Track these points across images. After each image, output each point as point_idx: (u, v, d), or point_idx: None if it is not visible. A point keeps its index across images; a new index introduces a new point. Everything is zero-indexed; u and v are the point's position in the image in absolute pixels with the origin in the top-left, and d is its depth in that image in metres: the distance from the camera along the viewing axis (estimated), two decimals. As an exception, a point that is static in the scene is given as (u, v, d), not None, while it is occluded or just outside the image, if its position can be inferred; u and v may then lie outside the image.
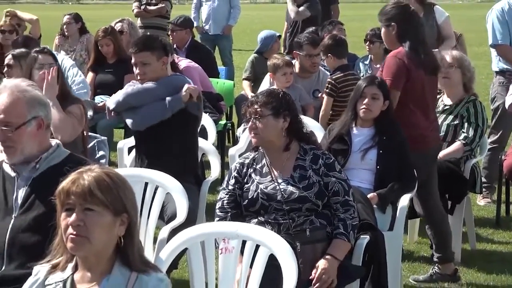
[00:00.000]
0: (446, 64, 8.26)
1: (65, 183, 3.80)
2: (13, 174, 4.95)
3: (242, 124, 9.09)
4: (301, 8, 14.78)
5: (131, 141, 8.06)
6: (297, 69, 10.17)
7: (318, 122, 8.88)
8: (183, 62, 10.93)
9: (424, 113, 7.31)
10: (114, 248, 3.85)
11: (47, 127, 5.01)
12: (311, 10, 14.68)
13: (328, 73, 10.25)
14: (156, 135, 7.45)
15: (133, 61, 7.62)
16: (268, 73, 10.11)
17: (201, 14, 16.79)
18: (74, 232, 3.75)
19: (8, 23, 12.50)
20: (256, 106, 5.69)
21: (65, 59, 10.44)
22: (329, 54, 9.63)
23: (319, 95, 9.80)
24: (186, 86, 7.20)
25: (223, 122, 10.90)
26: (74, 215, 3.75)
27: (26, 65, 8.21)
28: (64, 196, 3.79)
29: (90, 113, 10.21)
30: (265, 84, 10.14)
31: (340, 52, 9.77)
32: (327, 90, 9.53)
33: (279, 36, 13.27)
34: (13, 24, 12.56)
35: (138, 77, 7.61)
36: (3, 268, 4.81)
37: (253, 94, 8.97)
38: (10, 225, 4.85)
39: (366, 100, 6.95)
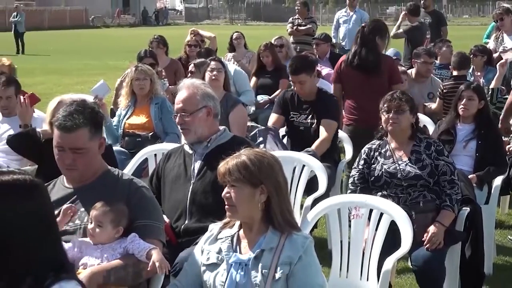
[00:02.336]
0: None
1: (220, 165, 3.90)
2: (190, 151, 5.15)
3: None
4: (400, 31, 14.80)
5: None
6: (413, 75, 10.05)
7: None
8: (325, 70, 10.96)
9: None
10: (265, 212, 3.88)
11: (215, 115, 5.17)
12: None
13: (439, 80, 10.26)
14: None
15: (290, 78, 7.67)
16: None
17: (339, 33, 16.72)
18: (227, 203, 3.83)
19: (193, 39, 12.68)
20: (398, 102, 5.69)
21: (229, 65, 10.52)
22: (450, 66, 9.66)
23: (432, 97, 9.76)
24: None
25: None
26: (225, 191, 3.86)
27: (202, 69, 8.34)
28: (220, 176, 3.89)
29: (253, 108, 10.32)
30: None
31: (460, 64, 9.73)
32: (438, 94, 9.52)
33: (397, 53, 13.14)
34: (197, 40, 12.73)
35: (299, 93, 7.58)
36: (186, 222, 4.91)
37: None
38: (190, 189, 4.99)
39: (464, 101, 6.88)
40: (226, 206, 3.84)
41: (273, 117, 7.76)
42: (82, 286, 2.64)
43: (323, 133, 7.31)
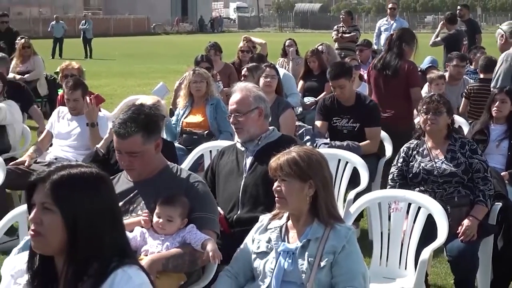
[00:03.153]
0: None
1: (271, 161, 3.93)
2: (242, 148, 5.16)
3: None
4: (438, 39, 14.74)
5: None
6: (447, 78, 10.01)
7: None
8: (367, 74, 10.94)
9: None
10: (312, 205, 3.88)
11: (266, 116, 5.17)
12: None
13: (472, 81, 10.35)
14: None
15: (330, 84, 7.66)
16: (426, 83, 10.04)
17: (381, 40, 16.62)
18: (276, 195, 3.84)
19: (245, 45, 12.69)
20: (436, 104, 5.64)
21: (279, 70, 10.50)
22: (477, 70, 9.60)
23: None
24: None
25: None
26: (275, 185, 3.86)
27: (256, 75, 8.35)
28: (271, 170, 3.92)
29: (300, 109, 10.31)
30: (424, 91, 10.02)
31: (486, 68, 9.60)
32: (464, 94, 9.59)
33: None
34: (249, 46, 12.73)
35: (339, 97, 7.56)
36: (238, 212, 4.92)
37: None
38: (242, 183, 4.99)
39: (497, 103, 6.78)
40: (277, 199, 3.85)
41: (318, 124, 7.74)
42: (143, 271, 2.65)
43: (369, 139, 7.37)
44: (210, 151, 6.48)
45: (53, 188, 2.56)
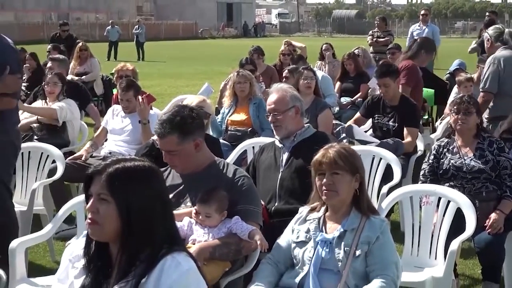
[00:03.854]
0: None
1: (317, 156, 3.90)
2: (280, 145, 5.18)
3: (439, 118, 9.03)
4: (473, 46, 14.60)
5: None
6: (475, 79, 9.87)
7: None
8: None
9: None
10: (352, 198, 3.88)
11: (301, 114, 5.22)
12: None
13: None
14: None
15: (376, 82, 7.67)
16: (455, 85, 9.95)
17: (414, 43, 16.51)
18: (326, 189, 3.83)
19: (286, 48, 12.67)
20: (466, 105, 5.60)
21: (317, 72, 10.47)
22: None
23: None
24: None
25: (425, 116, 10.68)
26: (325, 179, 3.84)
27: (296, 76, 8.34)
28: (317, 165, 3.88)
29: (337, 108, 10.29)
30: (453, 93, 9.94)
31: None
32: None
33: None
34: (289, 49, 12.71)
35: (384, 95, 7.57)
36: (276, 204, 4.94)
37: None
38: (279, 177, 5.01)
39: None
40: (326, 191, 3.83)
41: (355, 116, 7.84)
42: (191, 257, 2.66)
43: (408, 138, 7.33)
44: (253, 147, 6.48)
45: (109, 180, 2.59)
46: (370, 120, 7.80)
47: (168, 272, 2.55)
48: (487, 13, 16.73)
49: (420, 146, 7.61)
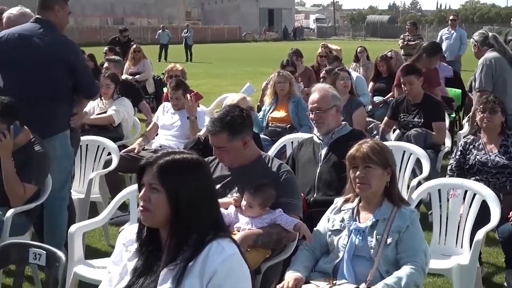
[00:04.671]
0: None
1: (352, 151, 3.88)
2: (318, 141, 5.15)
3: (466, 116, 8.96)
4: None
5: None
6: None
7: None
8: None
9: None
10: (383, 190, 3.85)
11: (341, 112, 5.22)
12: None
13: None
14: None
15: (402, 80, 7.63)
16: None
17: (442, 47, 16.32)
18: (359, 181, 3.81)
19: (323, 51, 12.64)
20: (492, 104, 5.57)
21: (352, 73, 10.40)
22: None
23: None
24: None
25: (453, 115, 10.56)
26: (358, 172, 3.82)
27: (332, 77, 8.30)
28: (351, 159, 3.87)
29: (370, 107, 10.22)
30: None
31: None
32: None
33: None
34: (326, 51, 12.67)
35: (408, 93, 7.59)
36: (314, 195, 4.92)
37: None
38: (318, 170, 4.99)
39: None
40: (359, 184, 3.82)
41: (384, 120, 7.91)
42: (235, 243, 2.66)
43: (436, 132, 7.33)
44: (292, 142, 6.47)
45: (160, 171, 2.60)
46: None
47: (213, 256, 2.55)
48: (512, 18, 16.53)
49: (448, 143, 7.56)
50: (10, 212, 4.98)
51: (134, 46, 14.51)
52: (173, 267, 2.57)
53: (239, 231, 4.00)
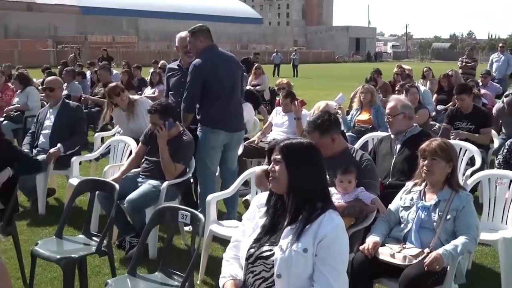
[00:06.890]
0: None
1: (424, 145, 3.78)
2: (394, 138, 5.00)
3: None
4: None
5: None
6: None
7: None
8: (482, 91, 10.31)
9: None
10: (445, 178, 3.71)
11: (409, 117, 4.98)
12: None
13: None
14: None
15: (455, 97, 7.41)
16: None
17: (493, 68, 15.58)
18: (426, 169, 3.69)
19: (398, 70, 12.05)
20: None
21: (420, 87, 10.04)
22: None
23: None
24: None
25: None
26: (426, 161, 3.70)
27: (404, 90, 8.09)
28: (422, 151, 3.75)
29: (433, 113, 9.87)
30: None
31: None
32: None
33: None
34: (400, 70, 11.93)
35: (461, 106, 7.31)
36: (390, 180, 4.77)
37: None
38: (393, 161, 4.85)
39: None
40: (425, 171, 3.70)
41: (444, 124, 7.62)
42: (340, 216, 2.66)
43: (483, 135, 7.13)
44: (372, 139, 6.35)
45: (282, 149, 2.65)
46: None
47: (325, 223, 2.55)
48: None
49: (496, 143, 7.23)
50: (165, 184, 5.13)
51: (256, 64, 14.63)
52: (294, 227, 2.57)
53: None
